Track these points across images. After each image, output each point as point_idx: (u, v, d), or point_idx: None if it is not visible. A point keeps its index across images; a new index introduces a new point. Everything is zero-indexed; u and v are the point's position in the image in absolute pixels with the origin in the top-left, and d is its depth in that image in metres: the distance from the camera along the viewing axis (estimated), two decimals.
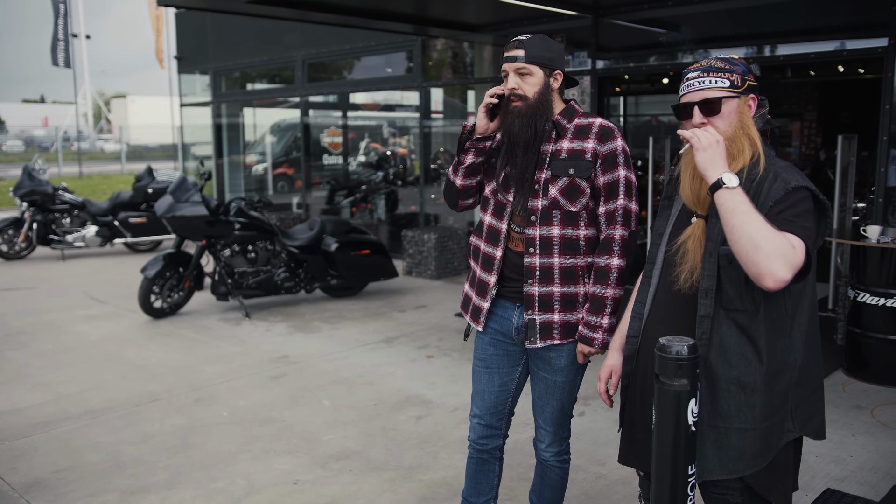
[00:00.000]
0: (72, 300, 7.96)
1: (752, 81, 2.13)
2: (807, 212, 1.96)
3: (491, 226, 2.73)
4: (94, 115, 55.62)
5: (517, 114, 2.56)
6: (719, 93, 2.08)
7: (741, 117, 2.09)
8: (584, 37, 7.75)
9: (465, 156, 2.70)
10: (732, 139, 2.07)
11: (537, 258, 2.61)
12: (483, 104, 2.60)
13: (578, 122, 2.64)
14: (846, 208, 6.81)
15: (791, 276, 1.86)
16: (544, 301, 2.63)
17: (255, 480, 3.82)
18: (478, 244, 2.80)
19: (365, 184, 11.40)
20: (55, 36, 27.78)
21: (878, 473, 3.79)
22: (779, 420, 2.06)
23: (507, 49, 2.61)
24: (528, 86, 2.57)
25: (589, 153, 2.58)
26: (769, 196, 1.99)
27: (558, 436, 2.84)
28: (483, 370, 2.86)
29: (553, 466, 2.89)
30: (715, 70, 2.09)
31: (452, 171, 2.77)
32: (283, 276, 7.41)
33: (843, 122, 11.94)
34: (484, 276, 2.74)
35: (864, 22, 6.08)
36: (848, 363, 5.27)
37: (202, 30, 12.87)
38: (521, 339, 2.73)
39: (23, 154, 36.93)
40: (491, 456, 2.94)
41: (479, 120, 2.61)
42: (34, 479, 3.86)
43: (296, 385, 5.23)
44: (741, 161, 2.06)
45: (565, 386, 2.75)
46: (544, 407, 2.79)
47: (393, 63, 10.20)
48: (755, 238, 1.86)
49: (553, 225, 2.60)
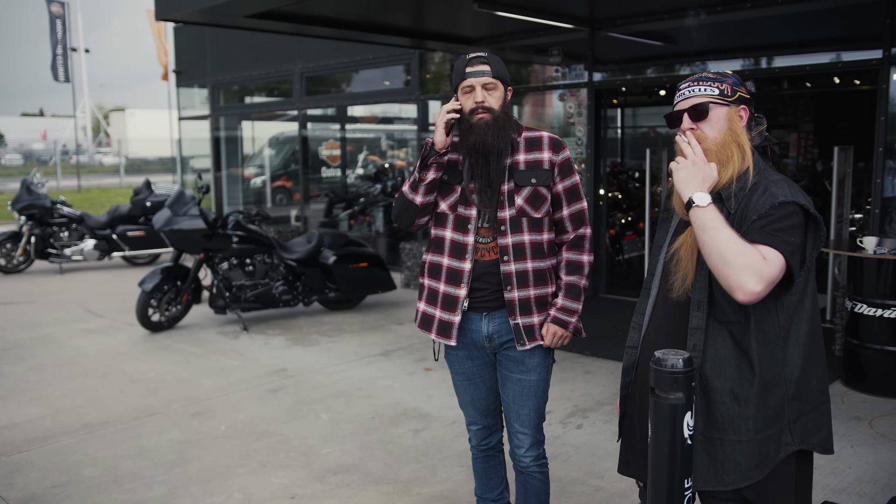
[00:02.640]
0: (69, 314, 7.95)
1: (744, 94, 2.16)
2: (793, 227, 1.96)
3: (454, 240, 2.79)
4: (93, 128, 55.74)
5: (486, 125, 2.64)
6: (708, 99, 2.13)
7: (731, 125, 2.12)
8: (580, 49, 7.78)
9: (427, 172, 2.74)
10: (721, 145, 2.10)
11: (513, 265, 2.74)
12: (444, 120, 2.65)
13: (527, 136, 2.79)
14: (843, 219, 6.82)
15: (762, 288, 1.88)
16: (524, 305, 2.76)
17: (253, 495, 3.80)
18: (439, 260, 2.84)
19: (363, 196, 11.42)
20: (54, 51, 27.87)
21: (877, 485, 3.79)
22: (775, 433, 2.06)
23: (469, 64, 2.67)
24: (493, 99, 2.67)
25: (546, 163, 2.75)
26: (755, 209, 2.01)
27: (536, 439, 2.91)
28: (466, 383, 2.96)
29: (534, 473, 2.94)
30: (705, 80, 2.16)
31: (411, 190, 2.78)
32: (281, 290, 7.40)
33: (839, 133, 11.97)
34: (451, 291, 2.80)
35: (858, 34, 6.11)
36: (846, 374, 5.26)
37: (200, 43, 12.92)
38: (493, 346, 2.84)
39: (21, 168, 36.96)
40: (495, 451, 3.10)
41: (439, 135, 2.66)
42: (31, 494, 3.84)
43: (293, 398, 5.22)
44: (731, 168, 2.08)
45: (539, 385, 2.86)
46: (520, 410, 2.87)
47: (391, 76, 10.24)
48: (723, 252, 1.91)
49: (522, 232, 2.75)
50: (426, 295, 2.90)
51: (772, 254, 1.91)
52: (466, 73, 2.66)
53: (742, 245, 1.91)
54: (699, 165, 2.05)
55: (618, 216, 9.62)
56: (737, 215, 2.05)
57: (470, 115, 2.66)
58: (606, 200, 8.49)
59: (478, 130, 2.64)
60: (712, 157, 2.09)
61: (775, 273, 1.90)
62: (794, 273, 1.95)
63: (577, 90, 7.88)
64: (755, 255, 1.90)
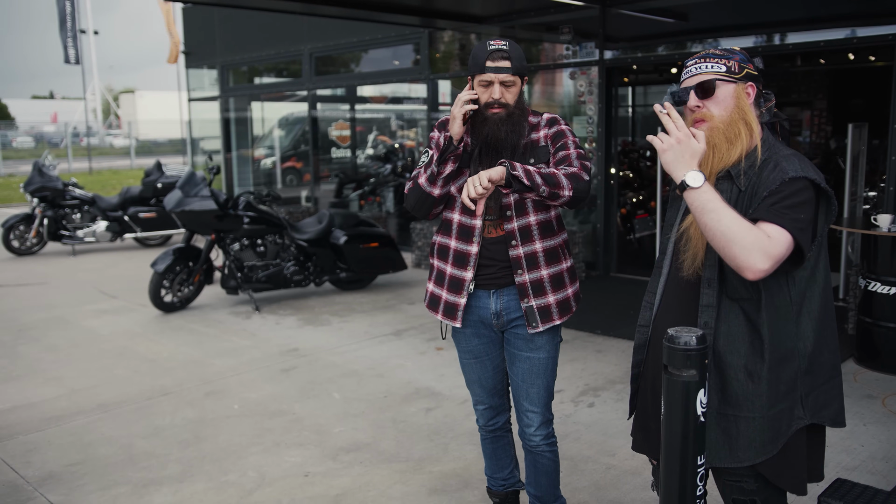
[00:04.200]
0: (83, 295, 8.01)
1: (752, 70, 2.13)
2: (802, 203, 1.95)
3: (462, 223, 2.78)
4: (103, 110, 55.83)
5: (500, 121, 2.62)
6: (714, 76, 2.10)
7: (738, 102, 2.09)
8: (591, 27, 7.71)
9: (445, 165, 2.70)
10: (729, 123, 2.08)
11: (521, 248, 2.73)
12: (461, 112, 2.60)
13: (531, 121, 2.78)
14: (857, 197, 6.76)
15: (770, 265, 1.88)
16: (537, 286, 2.75)
17: (266, 473, 3.84)
18: (447, 242, 2.84)
19: (373, 176, 11.41)
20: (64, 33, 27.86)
21: (890, 463, 3.78)
22: (787, 407, 2.06)
23: (490, 57, 2.61)
24: (510, 94, 2.66)
25: (542, 139, 2.76)
26: (765, 185, 1.99)
27: (546, 418, 2.92)
28: (473, 361, 2.95)
29: (544, 452, 2.95)
30: (712, 56, 2.13)
31: (429, 183, 2.71)
32: (293, 270, 7.43)
33: (853, 110, 11.85)
34: (458, 273, 2.80)
35: (874, 9, 6.02)
36: (859, 352, 5.24)
37: (209, 24, 12.88)
38: (501, 324, 2.83)
39: (33, 150, 37.11)
40: (503, 431, 3.11)
41: (457, 127, 2.62)
42: (48, 472, 3.89)
43: (306, 378, 5.25)
44: (738, 146, 2.06)
45: (549, 363, 2.86)
46: (529, 389, 2.87)
47: (400, 55, 10.19)
48: (728, 234, 1.89)
49: (528, 214, 2.74)
50: (434, 275, 2.92)
51: (777, 231, 1.90)
52: (486, 68, 2.61)
53: (746, 226, 1.89)
54: (684, 143, 1.99)
55: (629, 195, 9.58)
56: (747, 192, 2.03)
57: (485, 108, 2.64)
58: (618, 179, 8.45)
59: (491, 124, 2.63)
60: (720, 134, 2.07)
61: (782, 251, 1.90)
62: (805, 249, 1.94)
63: (587, 68, 7.82)
64: (760, 234, 1.89)
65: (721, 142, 2.07)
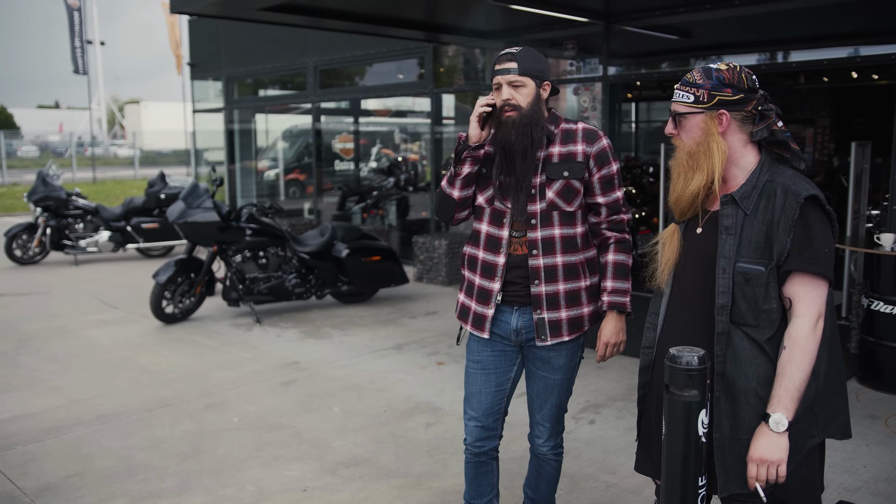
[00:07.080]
0: (84, 305, 8.01)
1: (727, 96, 2.08)
2: (823, 234, 1.99)
3: (490, 234, 2.78)
4: (108, 120, 56.04)
5: (512, 124, 2.63)
6: (682, 108, 2.13)
7: (705, 132, 2.09)
8: (595, 43, 7.73)
9: (462, 166, 2.73)
10: (690, 154, 2.12)
11: (541, 259, 2.72)
12: (476, 113, 2.65)
13: (564, 128, 2.76)
14: (860, 215, 6.75)
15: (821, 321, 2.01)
16: (551, 300, 2.74)
17: (265, 487, 3.82)
18: (475, 253, 2.84)
19: (376, 189, 11.43)
20: (73, 44, 28.04)
21: (893, 484, 3.75)
22: (804, 427, 2.06)
23: (498, 61, 2.68)
24: (521, 96, 2.65)
25: (580, 155, 2.71)
26: (785, 214, 2.00)
27: (555, 430, 2.94)
28: (479, 371, 2.91)
29: (550, 460, 2.98)
30: (686, 84, 2.14)
31: (448, 184, 2.79)
32: (294, 282, 7.42)
33: (856, 128, 11.86)
34: (486, 284, 2.79)
35: (877, 28, 6.04)
36: (861, 372, 5.22)
37: (215, 36, 12.95)
38: (520, 341, 2.81)
39: (37, 159, 37.24)
40: (488, 457, 2.99)
41: (473, 129, 2.67)
42: (45, 483, 3.87)
43: (306, 391, 5.24)
44: (700, 176, 2.09)
45: (563, 383, 2.86)
46: (542, 405, 2.88)
47: (404, 69, 10.23)
48: (808, 370, 1.99)
49: (553, 226, 2.72)
50: (465, 286, 2.92)
51: (814, 289, 1.99)
52: (495, 71, 2.68)
53: (798, 356, 1.98)
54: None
55: (632, 211, 9.57)
56: (763, 219, 2.03)
57: (500, 112, 2.66)
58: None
59: (505, 128, 2.64)
60: (682, 163, 2.13)
61: (823, 301, 1.99)
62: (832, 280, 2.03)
63: (591, 84, 7.84)
64: (806, 334, 1.99)
65: (683, 170, 2.12)
